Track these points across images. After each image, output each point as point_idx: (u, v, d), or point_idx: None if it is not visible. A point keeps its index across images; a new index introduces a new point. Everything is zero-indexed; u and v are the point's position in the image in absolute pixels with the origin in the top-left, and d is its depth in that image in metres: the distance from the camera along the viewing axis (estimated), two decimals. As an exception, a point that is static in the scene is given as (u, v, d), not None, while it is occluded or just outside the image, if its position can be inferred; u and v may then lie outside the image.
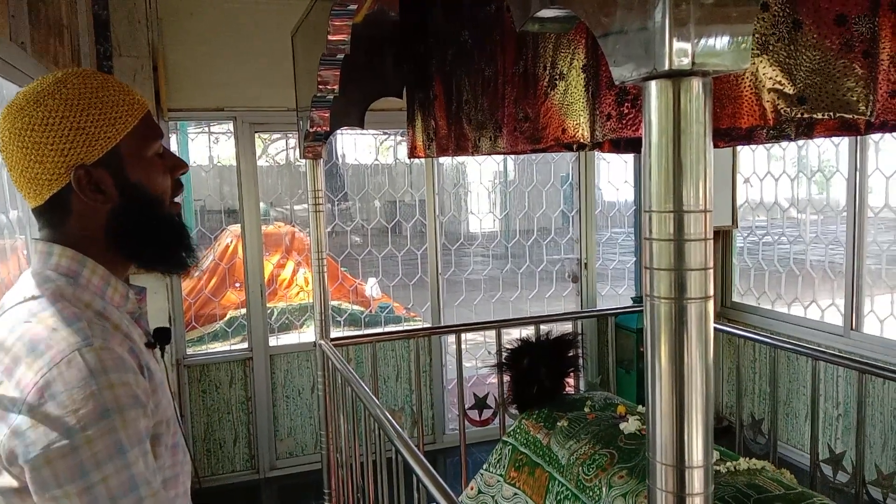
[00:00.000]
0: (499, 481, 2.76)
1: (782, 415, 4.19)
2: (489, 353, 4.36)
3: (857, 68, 1.35)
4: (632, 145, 2.73)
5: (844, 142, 3.82)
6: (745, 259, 4.76)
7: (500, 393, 3.25)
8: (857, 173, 3.72)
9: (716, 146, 2.33)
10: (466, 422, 3.31)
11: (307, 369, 4.36)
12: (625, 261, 5.36)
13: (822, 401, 3.88)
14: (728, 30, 0.77)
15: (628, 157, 4.92)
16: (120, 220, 1.06)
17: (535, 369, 2.84)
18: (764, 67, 1.39)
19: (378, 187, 4.84)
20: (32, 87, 1.03)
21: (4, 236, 2.28)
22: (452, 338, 3.55)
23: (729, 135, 2.26)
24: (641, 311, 0.83)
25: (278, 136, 5.18)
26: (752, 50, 1.37)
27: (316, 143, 2.93)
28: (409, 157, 3.11)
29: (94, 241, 1.05)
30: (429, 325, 4.57)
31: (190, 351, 4.21)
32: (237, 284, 4.71)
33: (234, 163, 4.20)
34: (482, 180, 5.12)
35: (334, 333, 3.17)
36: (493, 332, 3.39)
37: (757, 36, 1.37)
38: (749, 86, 1.43)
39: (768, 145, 4.32)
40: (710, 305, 0.81)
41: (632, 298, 4.91)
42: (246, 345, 4.30)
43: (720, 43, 0.76)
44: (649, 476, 0.85)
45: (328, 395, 3.00)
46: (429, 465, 1.76)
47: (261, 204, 4.29)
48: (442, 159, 4.67)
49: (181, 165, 1.15)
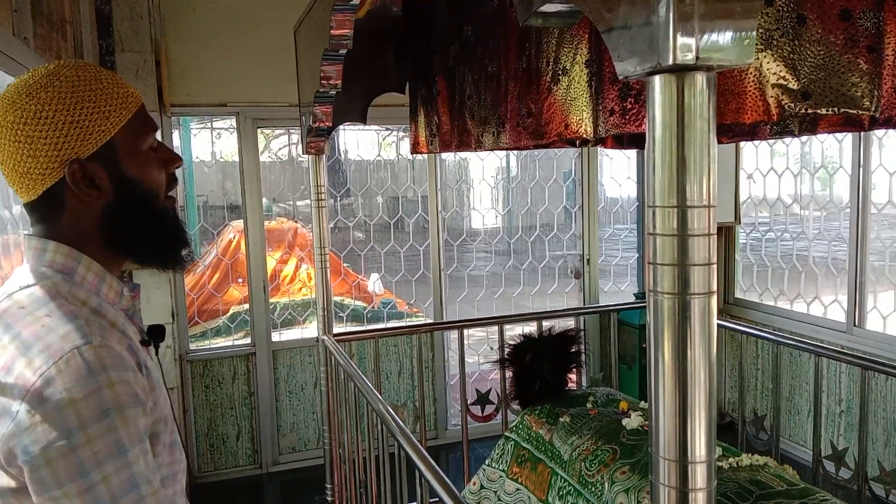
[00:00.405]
0: (501, 477, 2.76)
1: (785, 411, 4.18)
2: (491, 348, 4.36)
3: (861, 64, 1.35)
4: (635, 141, 2.72)
5: (848, 138, 3.81)
6: (748, 255, 4.75)
7: (502, 389, 3.25)
8: (861, 169, 3.71)
9: (719, 142, 2.32)
10: (469, 417, 3.31)
11: (310, 365, 4.37)
12: (627, 257, 5.35)
13: (824, 397, 3.87)
14: (732, 25, 0.76)
15: (631, 153, 4.92)
16: (114, 215, 1.04)
17: (538, 365, 2.84)
18: (768, 62, 1.38)
19: (380, 183, 4.84)
20: (24, 80, 1.00)
21: (8, 231, 2.29)
22: (455, 334, 3.55)
23: (732, 130, 2.26)
24: (644, 308, 0.83)
25: (281, 131, 5.18)
26: (756, 45, 1.36)
27: (318, 139, 2.92)
28: (411, 153, 3.11)
29: (88, 236, 1.04)
30: (431, 321, 4.57)
31: (193, 346, 4.22)
32: (240, 280, 4.72)
33: (237, 158, 4.20)
34: (485, 176, 5.12)
35: (337, 329, 3.17)
36: (496, 327, 3.39)
37: (761, 31, 1.36)
38: (753, 81, 1.42)
39: (771, 141, 4.31)
40: (714, 301, 0.81)
41: (634, 294, 4.91)
42: (249, 340, 4.30)
43: (724, 38, 0.76)
44: (652, 471, 0.85)
45: (331, 390, 3.00)
46: (431, 460, 1.76)
47: (263, 200, 4.29)
48: (444, 155, 4.67)
49: (175, 159, 1.13)
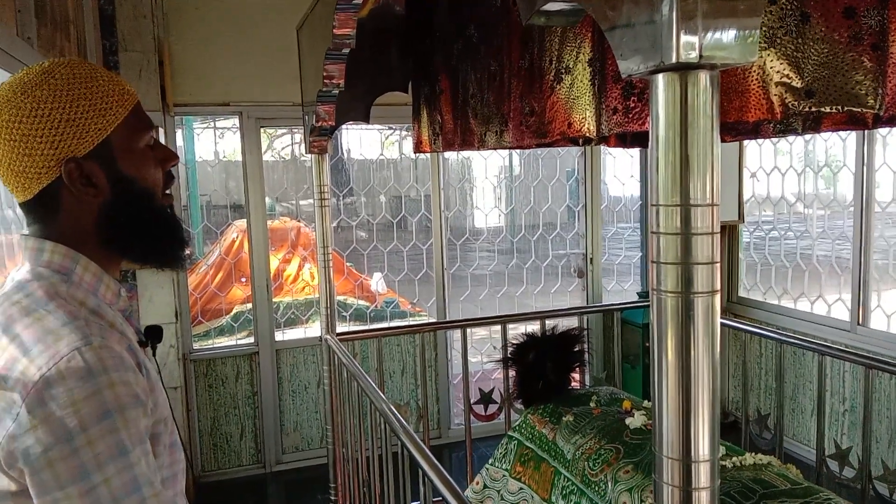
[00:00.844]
0: (504, 476, 2.76)
1: (788, 410, 4.18)
2: (495, 348, 4.36)
3: (865, 61, 1.35)
4: (638, 139, 2.72)
5: (852, 136, 3.80)
6: (752, 254, 4.74)
7: (505, 388, 3.25)
8: (865, 168, 3.70)
9: (722, 140, 2.32)
10: (472, 416, 3.31)
11: (313, 364, 4.37)
12: (630, 256, 5.35)
13: (828, 396, 3.87)
14: (735, 23, 0.76)
15: (634, 152, 4.91)
16: (112, 214, 1.03)
17: (541, 364, 2.84)
18: (771, 61, 1.38)
19: (383, 182, 4.84)
20: (19, 78, 0.99)
21: (12, 231, 2.29)
22: (458, 333, 3.55)
23: (736, 129, 2.25)
24: (647, 307, 0.83)
25: (284, 130, 5.18)
26: (760, 43, 1.36)
27: (321, 138, 2.93)
28: (414, 152, 3.11)
29: (85, 235, 1.03)
30: (434, 320, 4.57)
31: (196, 346, 4.22)
32: (243, 279, 4.72)
33: (240, 158, 4.20)
34: (487, 175, 5.11)
35: (340, 328, 3.17)
36: (499, 327, 3.38)
37: (764, 29, 1.36)
38: (756, 79, 1.42)
39: (775, 140, 4.31)
40: (717, 299, 0.81)
41: (637, 293, 4.90)
42: (252, 339, 4.31)
43: (728, 36, 0.76)
44: (655, 470, 0.85)
45: (334, 389, 3.00)
46: (434, 459, 1.76)
47: (266, 199, 4.30)
48: (447, 154, 4.67)
49: (172, 157, 1.12)
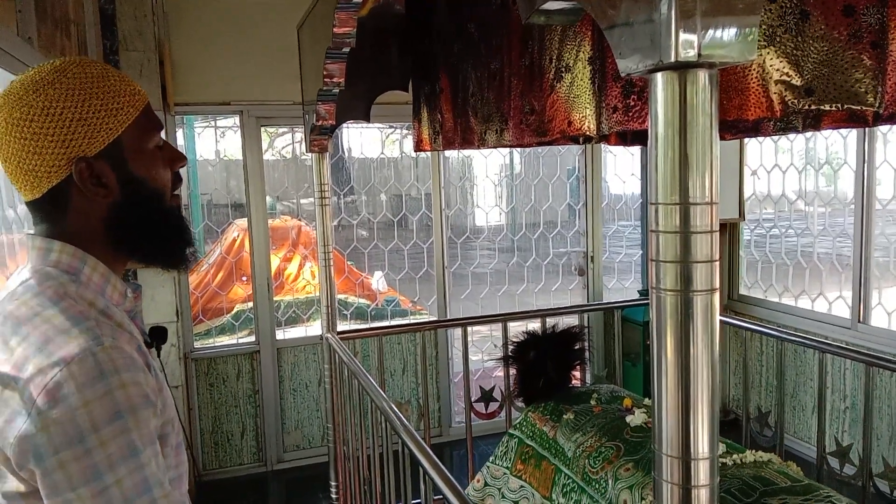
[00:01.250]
0: (505, 474, 2.76)
1: (789, 407, 4.18)
2: (495, 346, 4.36)
3: (865, 59, 1.35)
4: (638, 138, 2.72)
5: (852, 134, 3.80)
6: (753, 252, 4.74)
7: (506, 386, 3.26)
8: (865, 165, 3.70)
9: (722, 138, 2.32)
10: (473, 415, 3.32)
11: (314, 362, 4.38)
12: (631, 254, 5.35)
13: (829, 393, 3.87)
14: (734, 21, 0.76)
15: (635, 150, 4.91)
16: (121, 215, 1.03)
17: (542, 362, 2.84)
18: (771, 59, 1.38)
19: (384, 181, 4.84)
20: (30, 76, 0.98)
21: (13, 231, 2.30)
22: (458, 331, 3.55)
23: (736, 127, 2.25)
24: (648, 304, 0.83)
25: (284, 129, 5.19)
26: (759, 41, 1.36)
27: (322, 137, 2.93)
28: (414, 151, 3.11)
29: (93, 236, 1.02)
30: (435, 319, 4.58)
31: (197, 344, 4.23)
32: (244, 278, 4.73)
33: (241, 157, 4.20)
34: (488, 173, 5.11)
35: (341, 327, 3.17)
36: (500, 325, 3.39)
37: (764, 27, 1.36)
38: (756, 77, 1.42)
39: (776, 137, 4.30)
40: (716, 298, 0.81)
41: (638, 291, 4.90)
42: (253, 338, 4.31)
43: (727, 34, 0.76)
44: (655, 468, 0.85)
45: (335, 388, 3.01)
46: (435, 457, 1.77)
47: (267, 198, 4.30)
48: (448, 153, 4.67)
49: (180, 158, 1.12)
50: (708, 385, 0.81)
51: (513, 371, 3.02)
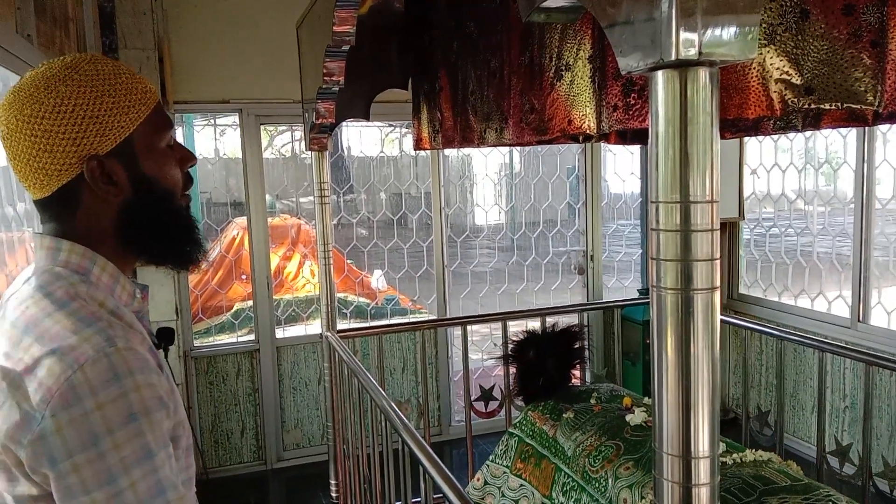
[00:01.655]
0: (505, 472, 2.77)
1: (789, 407, 4.18)
2: (495, 344, 4.36)
3: (865, 58, 1.35)
4: (638, 136, 2.72)
5: (852, 133, 3.80)
6: (752, 251, 4.74)
7: (505, 385, 3.26)
8: (865, 164, 3.70)
9: (722, 137, 2.32)
10: (472, 413, 3.32)
11: (314, 361, 4.38)
12: (631, 253, 5.35)
13: (828, 393, 3.87)
14: (735, 20, 0.76)
15: (634, 149, 4.91)
16: (131, 215, 1.01)
17: (541, 361, 2.85)
18: (771, 58, 1.38)
19: (384, 179, 4.84)
20: (41, 73, 0.97)
21: (13, 229, 2.30)
22: (458, 330, 3.55)
23: (736, 126, 2.25)
24: (647, 303, 0.83)
25: (284, 128, 5.18)
26: (760, 40, 1.36)
27: (321, 135, 2.93)
28: (414, 149, 3.11)
29: (102, 235, 1.01)
30: (435, 317, 4.58)
31: (197, 343, 4.22)
32: (243, 277, 4.73)
33: (240, 155, 4.20)
34: (488, 172, 5.11)
35: (340, 325, 3.17)
36: (499, 324, 3.39)
37: (764, 26, 1.36)
38: (756, 76, 1.42)
39: (775, 137, 4.30)
40: (717, 296, 0.81)
41: (638, 290, 4.91)
42: (253, 337, 4.31)
43: (727, 33, 0.76)
44: (655, 467, 0.85)
45: (335, 386, 3.01)
46: (435, 456, 1.77)
47: (267, 196, 4.30)
48: (447, 151, 4.66)
49: (191, 157, 1.11)
50: (708, 383, 0.81)
51: (512, 370, 3.02)
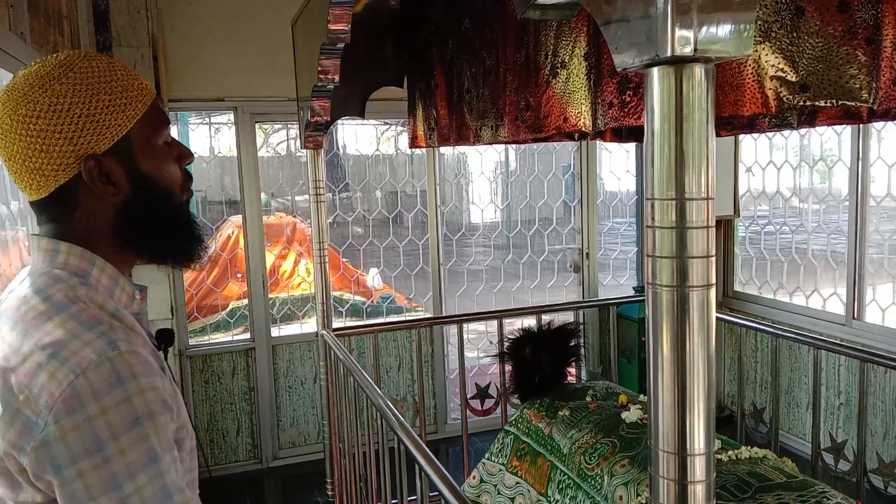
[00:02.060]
0: (501, 470, 2.77)
1: (784, 404, 4.19)
2: (491, 342, 4.37)
3: (859, 56, 1.35)
4: (633, 134, 2.72)
5: (847, 130, 3.81)
6: (747, 248, 4.75)
7: (501, 382, 3.26)
8: (860, 162, 3.71)
9: (718, 135, 2.32)
10: (468, 411, 3.32)
11: (309, 359, 4.37)
12: (626, 250, 5.35)
13: (823, 390, 3.88)
14: (730, 17, 0.76)
15: (630, 147, 4.91)
16: (130, 214, 1.00)
17: (537, 359, 2.85)
18: (766, 55, 1.38)
19: (379, 177, 4.83)
20: (34, 71, 0.95)
21: (6, 227, 2.28)
22: (454, 328, 3.55)
23: (731, 123, 2.25)
24: (643, 301, 0.83)
25: (279, 126, 5.17)
26: (755, 37, 1.36)
27: (317, 133, 2.92)
28: (410, 147, 3.10)
29: (100, 235, 0.99)
30: (430, 316, 4.57)
31: (192, 341, 4.22)
32: (239, 275, 4.72)
33: (235, 153, 4.19)
34: (483, 170, 5.11)
35: (336, 324, 3.17)
36: (495, 321, 3.39)
37: (759, 23, 1.36)
38: (751, 73, 1.42)
39: (770, 134, 4.31)
40: (712, 293, 0.81)
41: (633, 288, 4.91)
42: (248, 335, 4.30)
43: (722, 30, 0.76)
44: (651, 464, 0.85)
45: (330, 385, 3.00)
46: (431, 454, 1.77)
47: (262, 195, 4.29)
48: (443, 149, 4.66)
49: (188, 154, 1.09)
50: (704, 381, 0.81)
51: (508, 368, 3.02)
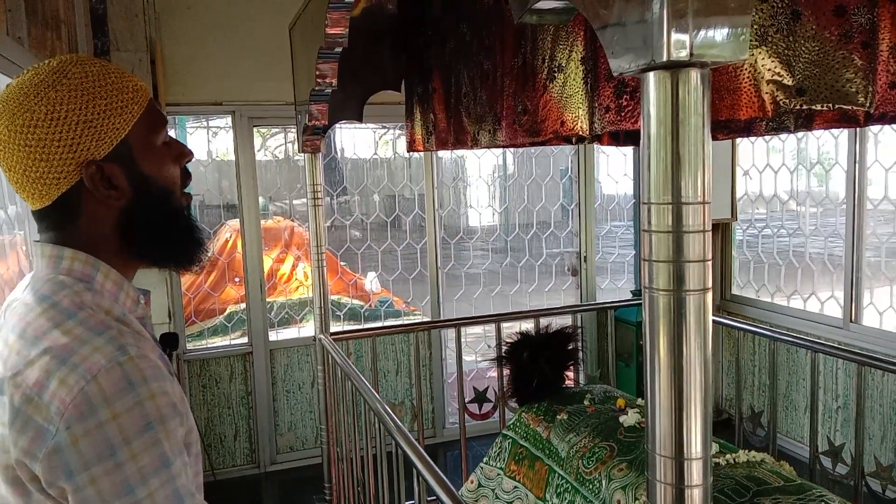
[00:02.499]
0: (499, 474, 2.76)
1: (782, 407, 4.19)
2: (489, 346, 4.36)
3: (856, 59, 1.35)
4: (630, 138, 2.72)
5: (844, 134, 3.81)
6: (745, 252, 4.76)
7: (499, 386, 3.25)
8: (857, 165, 3.71)
9: (715, 138, 2.33)
10: (466, 415, 3.31)
11: (307, 364, 4.36)
12: (624, 254, 5.36)
13: (821, 393, 3.88)
14: (726, 21, 0.76)
15: (627, 150, 4.92)
16: (133, 217, 0.99)
17: (535, 363, 2.84)
18: (763, 59, 1.38)
19: (377, 181, 4.83)
20: (27, 79, 0.95)
21: (3, 232, 2.28)
22: (452, 332, 3.55)
23: (728, 127, 2.26)
24: (641, 305, 0.83)
25: (277, 130, 5.17)
26: (751, 41, 1.36)
27: (314, 137, 2.92)
28: (407, 151, 3.10)
29: (104, 241, 0.99)
30: (428, 319, 4.57)
31: (190, 346, 4.21)
32: (237, 279, 4.71)
33: (233, 157, 4.19)
34: (481, 174, 5.11)
35: (334, 328, 3.17)
36: (493, 325, 3.39)
37: (755, 27, 1.36)
38: (748, 77, 1.43)
39: (767, 137, 4.32)
40: (709, 297, 0.81)
41: (631, 292, 4.91)
42: (246, 339, 4.30)
43: (718, 34, 0.76)
44: (648, 468, 0.85)
45: (328, 389, 3.00)
46: (429, 458, 1.76)
47: (260, 198, 4.29)
48: (441, 153, 4.66)
49: (187, 153, 1.08)
50: (701, 385, 0.81)
51: (506, 372, 3.02)
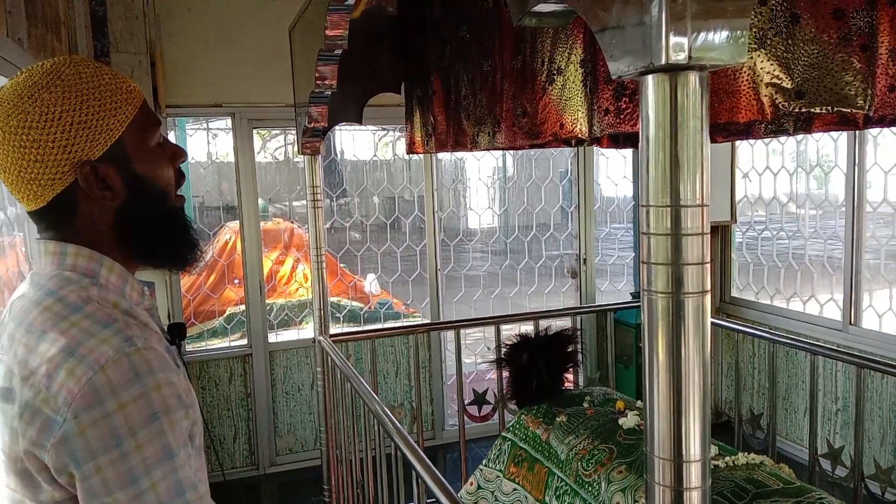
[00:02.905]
0: (498, 476, 2.76)
1: (781, 409, 4.19)
2: (488, 348, 4.36)
3: (855, 62, 1.35)
4: (630, 140, 2.73)
5: (843, 136, 3.81)
6: (744, 254, 4.76)
7: (499, 388, 3.25)
8: (856, 168, 3.72)
9: (714, 141, 2.33)
10: (466, 417, 3.31)
11: (306, 365, 4.36)
12: (624, 256, 5.36)
13: (820, 395, 3.88)
14: (725, 24, 0.76)
15: (627, 153, 4.91)
16: (128, 217, 1.01)
17: (534, 365, 2.85)
18: (762, 62, 1.39)
19: (377, 183, 4.84)
20: (21, 81, 0.95)
21: (2, 233, 2.28)
22: (451, 334, 3.54)
23: (727, 129, 2.26)
24: (640, 307, 0.83)
25: (277, 131, 5.17)
26: (750, 44, 1.37)
27: (314, 139, 2.92)
28: (407, 153, 3.11)
29: (102, 239, 1.01)
30: (428, 321, 4.57)
31: (189, 347, 4.21)
32: (236, 281, 4.71)
33: (233, 159, 4.19)
34: (481, 176, 5.11)
35: (333, 330, 3.17)
36: (493, 327, 3.39)
37: (754, 30, 1.37)
38: (747, 80, 1.43)
39: (767, 140, 4.32)
40: (707, 300, 0.81)
41: (631, 294, 4.91)
42: (245, 341, 4.30)
43: (717, 37, 0.76)
44: (647, 470, 0.85)
45: (327, 391, 3.00)
46: (428, 460, 1.76)
47: (259, 200, 4.29)
48: (440, 155, 4.67)
49: (181, 153, 1.09)
50: (700, 387, 0.81)
51: (506, 374, 3.02)
